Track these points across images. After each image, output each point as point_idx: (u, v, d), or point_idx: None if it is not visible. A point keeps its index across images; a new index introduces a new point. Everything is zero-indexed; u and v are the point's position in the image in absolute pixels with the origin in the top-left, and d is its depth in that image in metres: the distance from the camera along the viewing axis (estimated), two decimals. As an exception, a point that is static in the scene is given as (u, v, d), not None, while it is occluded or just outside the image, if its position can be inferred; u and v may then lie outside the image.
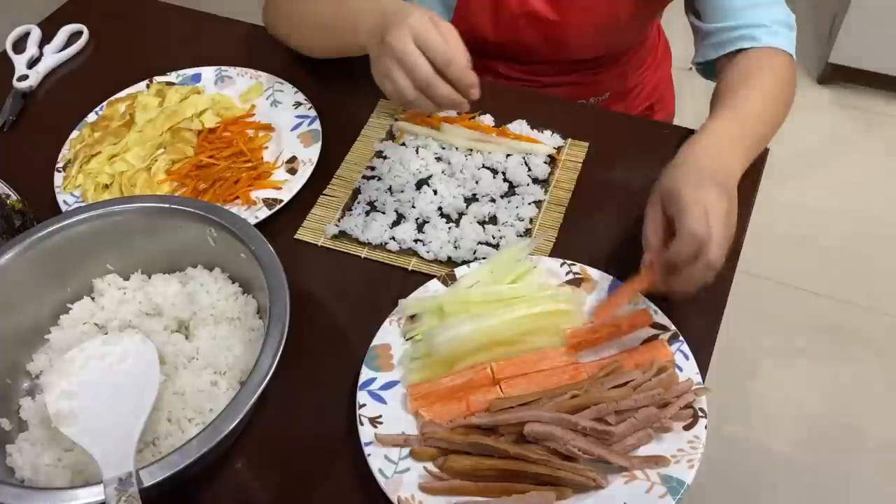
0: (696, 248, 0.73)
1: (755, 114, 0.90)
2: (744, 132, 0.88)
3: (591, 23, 1.04)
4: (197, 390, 0.75)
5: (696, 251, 0.73)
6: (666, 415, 0.72)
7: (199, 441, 0.65)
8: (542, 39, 1.06)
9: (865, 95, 2.34)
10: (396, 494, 0.70)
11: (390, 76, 0.80)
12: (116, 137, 1.02)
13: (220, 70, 1.11)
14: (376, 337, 0.81)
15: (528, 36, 1.07)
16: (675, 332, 0.79)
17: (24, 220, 0.90)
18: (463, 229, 0.91)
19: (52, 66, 1.18)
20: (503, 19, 1.05)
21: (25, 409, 0.77)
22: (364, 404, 0.75)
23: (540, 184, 0.96)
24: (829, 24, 2.46)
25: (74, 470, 0.72)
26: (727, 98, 0.92)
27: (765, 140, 0.92)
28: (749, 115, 0.90)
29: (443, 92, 0.78)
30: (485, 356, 0.78)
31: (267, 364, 0.68)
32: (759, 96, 0.92)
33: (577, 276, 0.84)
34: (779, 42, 0.95)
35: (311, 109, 1.04)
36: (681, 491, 0.68)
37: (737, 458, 1.62)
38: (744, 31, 0.95)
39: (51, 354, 0.81)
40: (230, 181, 0.97)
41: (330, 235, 0.93)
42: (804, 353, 1.80)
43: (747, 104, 0.91)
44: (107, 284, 0.84)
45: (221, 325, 0.81)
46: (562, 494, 0.69)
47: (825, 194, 2.10)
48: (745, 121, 0.89)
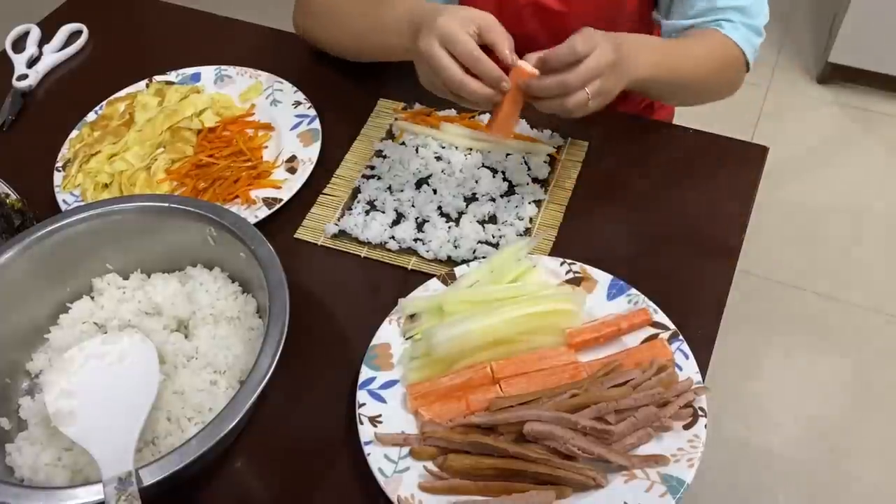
0: (568, 57, 0.79)
1: (685, 52, 0.96)
2: (666, 51, 0.93)
3: (595, 14, 1.05)
4: (196, 389, 0.75)
5: (568, 59, 0.79)
6: (666, 414, 0.72)
7: (198, 440, 0.65)
8: (545, 30, 1.07)
9: (865, 95, 2.34)
10: (396, 493, 0.69)
11: (427, 79, 0.85)
12: (116, 137, 1.02)
13: (220, 69, 1.11)
14: (376, 336, 0.80)
15: (531, 26, 1.07)
16: (675, 331, 0.79)
17: (23, 220, 0.90)
18: (463, 228, 0.91)
19: (52, 65, 1.18)
20: (508, 9, 1.06)
21: (25, 408, 0.77)
22: (364, 403, 0.75)
23: (540, 183, 0.96)
24: (829, 24, 2.46)
25: (74, 469, 0.72)
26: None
27: (685, 81, 0.97)
28: (677, 47, 0.96)
29: (473, 88, 0.81)
30: (484, 355, 0.78)
31: (266, 363, 0.68)
32: (693, 44, 0.98)
33: (576, 275, 0.84)
34: (736, 36, 0.99)
35: (310, 108, 1.04)
36: (680, 490, 0.68)
37: (736, 458, 1.62)
38: (709, 18, 1.00)
39: (50, 354, 0.81)
40: (230, 180, 0.97)
41: (330, 235, 0.93)
42: (803, 352, 1.79)
43: (680, 42, 0.99)
44: (106, 284, 0.84)
45: (221, 324, 0.81)
46: (561, 493, 0.69)
47: (825, 194, 2.10)
48: (672, 49, 0.95)
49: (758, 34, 1.01)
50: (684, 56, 0.96)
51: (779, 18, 2.56)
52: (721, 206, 0.94)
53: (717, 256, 0.89)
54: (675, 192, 0.96)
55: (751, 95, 2.35)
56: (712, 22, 1.00)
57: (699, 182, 0.98)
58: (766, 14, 1.02)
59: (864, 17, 2.13)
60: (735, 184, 0.97)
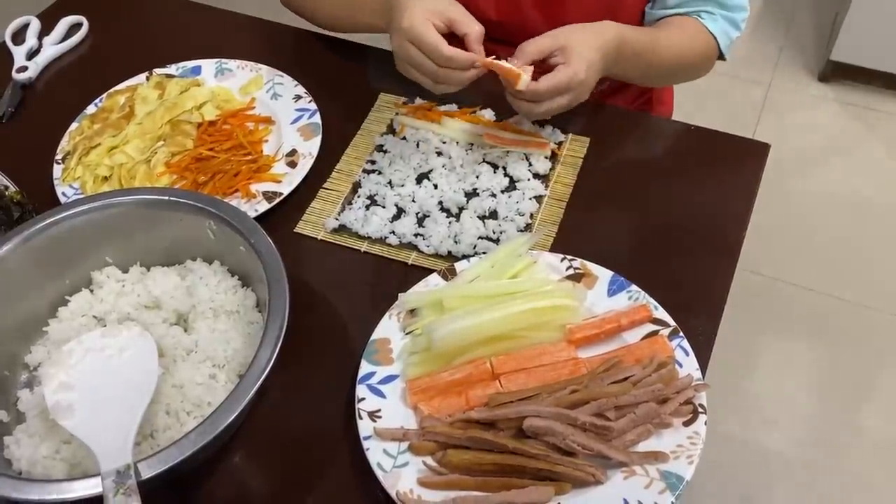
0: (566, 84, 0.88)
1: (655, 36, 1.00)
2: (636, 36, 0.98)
3: (593, 4, 1.04)
4: (195, 383, 0.75)
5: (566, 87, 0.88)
6: (666, 411, 0.71)
7: (197, 434, 0.64)
8: (543, 19, 1.06)
9: (866, 93, 2.34)
10: (395, 488, 0.69)
11: (406, 71, 0.91)
12: (116, 129, 1.02)
13: (220, 62, 1.11)
14: (376, 331, 0.80)
15: (530, 16, 1.07)
16: (676, 327, 0.79)
17: (22, 212, 0.90)
18: (463, 224, 0.91)
19: (52, 57, 1.17)
20: None
21: (23, 401, 0.77)
22: (363, 398, 0.75)
23: (540, 179, 0.96)
24: (830, 22, 2.46)
25: (72, 462, 0.72)
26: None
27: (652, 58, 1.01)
28: (648, 32, 1.01)
29: (452, 79, 0.88)
30: (484, 351, 0.78)
31: (266, 357, 0.68)
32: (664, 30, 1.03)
33: (577, 271, 0.84)
34: (713, 26, 1.03)
35: (311, 102, 1.04)
36: (680, 487, 0.68)
37: (734, 455, 1.63)
38: (690, 9, 1.04)
39: (49, 346, 0.80)
40: (230, 174, 0.96)
41: (330, 229, 0.92)
42: (803, 350, 1.79)
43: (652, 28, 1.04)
44: (105, 277, 0.84)
45: (220, 318, 0.81)
46: (561, 489, 0.69)
47: (826, 192, 2.10)
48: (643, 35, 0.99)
49: (735, 27, 1.06)
50: (651, 36, 1.00)
51: (781, 16, 2.57)
52: (722, 202, 0.94)
53: (718, 253, 0.89)
54: (677, 188, 0.96)
55: (752, 93, 2.35)
56: (693, 12, 1.04)
57: (701, 179, 0.97)
58: (746, 9, 1.05)
59: (866, 16, 2.13)
60: (737, 181, 0.96)
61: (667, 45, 1.02)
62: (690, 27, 1.04)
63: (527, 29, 1.05)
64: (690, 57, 1.05)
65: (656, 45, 1.01)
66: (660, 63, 1.02)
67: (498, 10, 1.07)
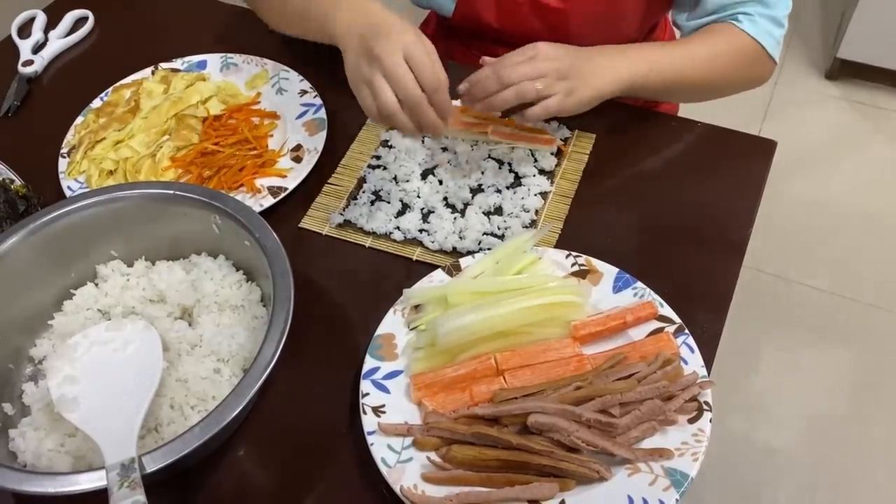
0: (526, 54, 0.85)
1: (682, 53, 0.96)
2: (655, 56, 0.94)
3: (593, 12, 1.04)
4: (200, 377, 0.75)
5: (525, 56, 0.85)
6: (670, 407, 0.71)
7: (201, 428, 0.64)
8: (544, 27, 1.06)
9: (873, 91, 2.33)
10: (399, 484, 0.69)
11: (373, 86, 0.78)
12: (121, 123, 1.02)
13: (226, 57, 1.11)
14: (380, 326, 0.80)
15: (530, 23, 1.06)
16: (681, 324, 0.78)
17: (28, 205, 0.90)
18: (468, 220, 0.91)
19: (58, 51, 1.17)
20: (506, 6, 1.05)
21: (28, 394, 0.77)
22: (367, 393, 0.75)
23: (546, 175, 0.96)
24: (837, 20, 2.45)
25: (77, 455, 0.72)
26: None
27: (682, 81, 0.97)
28: (672, 50, 0.97)
29: (430, 115, 0.79)
30: (489, 347, 0.77)
31: (270, 352, 0.68)
32: (694, 44, 0.98)
33: (582, 267, 0.84)
34: (752, 30, 0.98)
35: (316, 97, 1.04)
36: (684, 484, 0.68)
37: (739, 453, 1.62)
38: (728, 13, 0.99)
39: (54, 340, 0.81)
40: (235, 168, 0.96)
41: (334, 224, 0.92)
42: (808, 348, 1.79)
43: (678, 44, 0.99)
44: (110, 270, 0.84)
45: (225, 312, 0.81)
46: (565, 486, 0.69)
47: (832, 190, 2.09)
48: (665, 53, 0.96)
49: (778, 25, 0.99)
50: (681, 57, 0.96)
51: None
52: (728, 200, 0.94)
53: (723, 250, 0.89)
54: (682, 185, 0.96)
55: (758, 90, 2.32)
56: (730, 16, 0.98)
57: (707, 175, 0.97)
58: (788, 3, 0.99)
59: (873, 14, 2.12)
60: (743, 178, 0.96)
61: (694, 55, 0.97)
62: (724, 35, 0.98)
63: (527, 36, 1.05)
64: (726, 63, 0.99)
65: (681, 53, 0.96)
66: (689, 72, 0.97)
67: (499, 17, 1.07)
